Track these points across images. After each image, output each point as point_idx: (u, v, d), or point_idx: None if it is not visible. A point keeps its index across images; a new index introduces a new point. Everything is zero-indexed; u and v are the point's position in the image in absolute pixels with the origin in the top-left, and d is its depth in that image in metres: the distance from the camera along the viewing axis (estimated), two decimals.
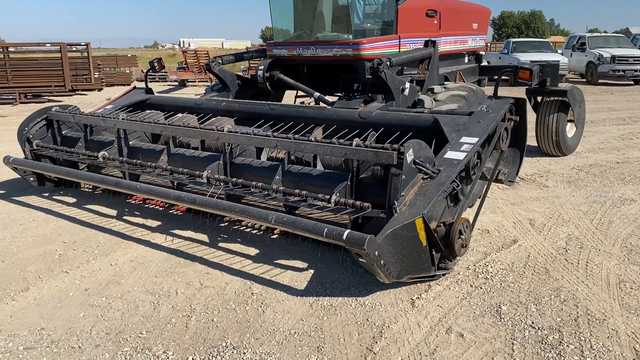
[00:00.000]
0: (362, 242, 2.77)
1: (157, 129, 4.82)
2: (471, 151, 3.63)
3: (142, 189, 4.20)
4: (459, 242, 3.28)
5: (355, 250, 2.83)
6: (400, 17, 5.84)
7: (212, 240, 4.22)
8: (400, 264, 3.05)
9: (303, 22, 6.43)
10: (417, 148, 3.37)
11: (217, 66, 6.37)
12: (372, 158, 3.48)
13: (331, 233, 2.96)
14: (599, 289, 3.34)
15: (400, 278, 3.11)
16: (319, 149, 3.80)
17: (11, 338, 2.89)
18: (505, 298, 3.25)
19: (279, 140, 3.98)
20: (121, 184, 4.39)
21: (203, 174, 4.09)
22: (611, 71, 18.01)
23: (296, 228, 3.21)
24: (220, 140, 4.34)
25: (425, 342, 2.81)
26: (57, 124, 5.51)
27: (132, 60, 24.41)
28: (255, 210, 3.47)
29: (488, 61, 13.13)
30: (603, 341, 2.77)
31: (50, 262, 3.86)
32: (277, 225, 3.34)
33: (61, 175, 5.00)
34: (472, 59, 7.73)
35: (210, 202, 3.72)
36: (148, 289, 3.43)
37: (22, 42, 18.40)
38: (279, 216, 3.31)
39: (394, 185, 3.20)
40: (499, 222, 4.55)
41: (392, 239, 2.94)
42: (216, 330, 2.96)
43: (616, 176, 6.05)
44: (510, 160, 4.85)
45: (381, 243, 2.87)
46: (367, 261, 2.90)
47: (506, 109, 4.20)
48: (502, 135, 4.08)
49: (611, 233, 4.28)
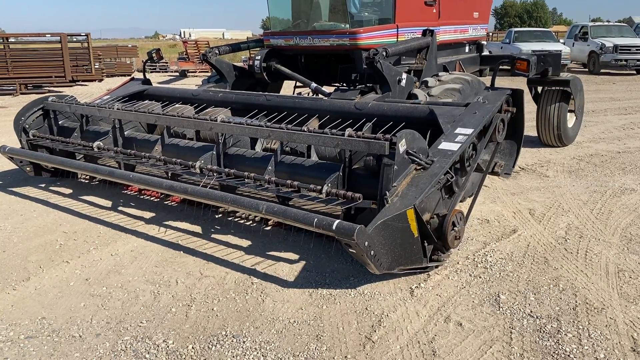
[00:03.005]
0: (351, 232, 2.75)
1: (151, 119, 4.81)
2: (466, 142, 3.61)
3: (136, 179, 4.18)
4: (452, 234, 3.25)
5: (345, 240, 2.81)
6: (398, 6, 5.80)
7: (212, 231, 4.23)
8: (391, 255, 3.03)
9: (300, 12, 6.39)
10: (410, 138, 3.35)
11: (214, 57, 6.33)
12: (364, 148, 3.46)
13: (321, 223, 2.93)
14: (597, 278, 3.35)
15: (391, 269, 3.09)
16: (311, 139, 3.79)
17: (12, 327, 2.91)
18: (504, 287, 3.26)
19: (272, 130, 3.96)
20: (115, 173, 4.38)
21: (196, 164, 4.08)
22: (613, 61, 17.92)
23: (287, 218, 3.18)
24: (213, 130, 4.32)
25: (423, 330, 2.83)
26: (54, 114, 5.51)
27: (132, 51, 24.34)
28: (246, 200, 3.46)
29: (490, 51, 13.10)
30: (601, 330, 2.79)
31: (51, 252, 3.87)
32: (268, 215, 3.32)
33: (57, 165, 4.98)
34: (473, 49, 7.69)
35: (202, 192, 3.71)
36: (148, 279, 3.45)
37: (22, 33, 18.38)
38: (269, 206, 3.29)
39: (386, 175, 3.19)
40: (499, 212, 4.56)
41: (383, 229, 2.92)
42: (216, 320, 2.97)
43: (617, 166, 6.04)
44: (507, 153, 4.82)
45: (371, 233, 2.84)
46: (357, 252, 2.86)
47: (502, 100, 4.18)
48: (498, 126, 4.06)
49: (611, 222, 4.28)
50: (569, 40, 20.78)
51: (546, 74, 6.27)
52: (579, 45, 19.82)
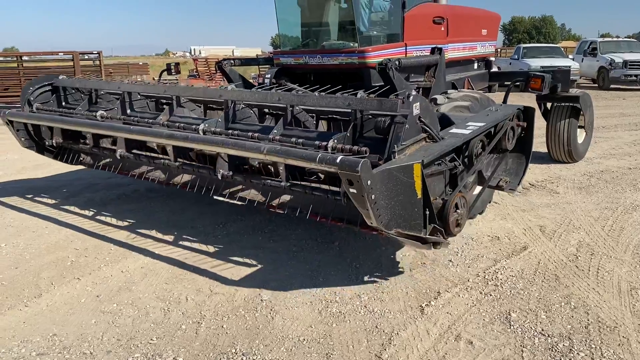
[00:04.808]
0: (355, 164, 2.63)
1: (160, 90, 4.82)
2: (476, 132, 3.61)
3: (136, 131, 4.11)
4: (454, 217, 3.23)
5: (348, 175, 2.69)
6: (407, 24, 5.85)
7: (222, 248, 4.24)
8: (391, 211, 2.93)
9: (309, 30, 6.47)
10: (424, 106, 3.31)
11: (229, 66, 6.49)
12: (377, 106, 3.42)
13: (324, 158, 2.82)
14: (610, 296, 3.32)
15: (389, 229, 2.97)
16: (322, 101, 3.76)
17: (24, 344, 2.93)
18: (515, 305, 3.23)
19: (282, 94, 3.95)
20: (115, 127, 4.30)
21: (199, 126, 3.93)
22: (623, 76, 17.87)
23: (289, 157, 3.08)
24: (222, 97, 4.28)
25: (434, 349, 2.81)
26: (64, 91, 5.45)
27: (143, 68, 24.72)
28: (247, 143, 3.39)
29: (498, 67, 13.11)
30: (614, 349, 2.75)
31: (62, 269, 3.90)
32: (270, 156, 3.18)
33: (57, 124, 4.87)
34: (481, 65, 7.71)
35: (201, 139, 3.64)
36: (158, 296, 3.46)
37: (35, 52, 18.66)
38: (271, 147, 3.20)
39: (396, 133, 3.14)
40: (509, 229, 4.54)
41: (387, 178, 2.83)
42: (226, 337, 2.97)
43: (628, 182, 6.00)
44: (514, 171, 4.80)
45: (375, 176, 2.74)
46: (358, 191, 2.72)
47: (514, 112, 4.21)
48: (508, 133, 4.07)
49: (623, 240, 4.24)
50: (578, 56, 20.76)
51: (555, 90, 6.26)
52: (588, 60, 19.79)
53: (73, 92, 5.48)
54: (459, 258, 3.95)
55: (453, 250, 4.07)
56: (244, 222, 4.79)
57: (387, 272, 3.73)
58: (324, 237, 4.40)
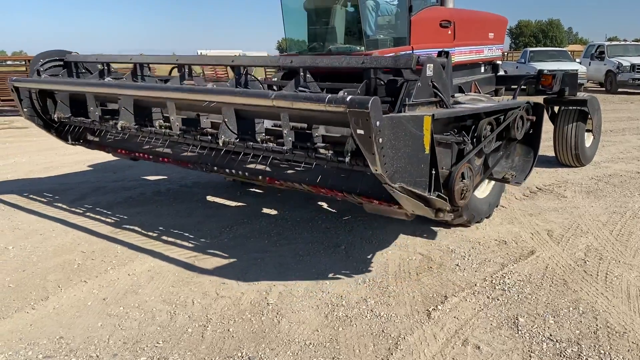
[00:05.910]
0: (366, 101, 2.57)
1: (171, 59, 4.90)
2: (487, 109, 3.63)
3: (145, 87, 4.17)
4: (460, 186, 3.21)
5: (357, 113, 2.61)
6: (414, 28, 5.85)
7: (228, 251, 4.24)
8: (396, 162, 2.82)
9: (316, 34, 6.48)
10: (437, 70, 3.30)
11: None
12: (391, 63, 3.43)
13: (333, 99, 2.77)
14: (618, 301, 3.29)
15: (393, 181, 2.84)
16: (336, 61, 3.79)
17: (31, 346, 2.94)
18: (523, 310, 3.21)
19: (294, 57, 4.01)
20: (123, 85, 4.35)
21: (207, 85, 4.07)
22: (631, 80, 17.78)
23: (297, 101, 3.03)
24: (235, 62, 4.36)
25: (441, 354, 2.79)
26: (75, 67, 5.39)
27: None
28: (254, 91, 3.44)
29: (505, 70, 13.08)
30: (623, 354, 2.73)
31: (69, 272, 3.91)
32: (278, 101, 3.10)
33: (66, 87, 4.86)
34: (488, 69, 7.69)
35: (209, 89, 3.70)
36: (165, 299, 3.47)
37: None
38: (279, 93, 3.16)
39: (408, 89, 3.13)
40: (517, 233, 4.51)
41: (397, 126, 2.76)
42: (232, 341, 2.97)
43: (636, 186, 5.96)
44: (520, 168, 4.77)
45: (385, 121, 2.67)
46: (365, 132, 2.63)
47: (523, 104, 4.20)
48: (517, 122, 4.06)
49: (631, 244, 4.21)
50: (585, 60, 20.69)
51: (563, 93, 6.24)
52: (596, 64, 19.72)
53: (84, 72, 5.41)
54: (466, 262, 3.93)
55: (460, 255, 4.06)
56: (250, 226, 4.79)
57: (393, 276, 3.72)
58: (330, 240, 4.39)
